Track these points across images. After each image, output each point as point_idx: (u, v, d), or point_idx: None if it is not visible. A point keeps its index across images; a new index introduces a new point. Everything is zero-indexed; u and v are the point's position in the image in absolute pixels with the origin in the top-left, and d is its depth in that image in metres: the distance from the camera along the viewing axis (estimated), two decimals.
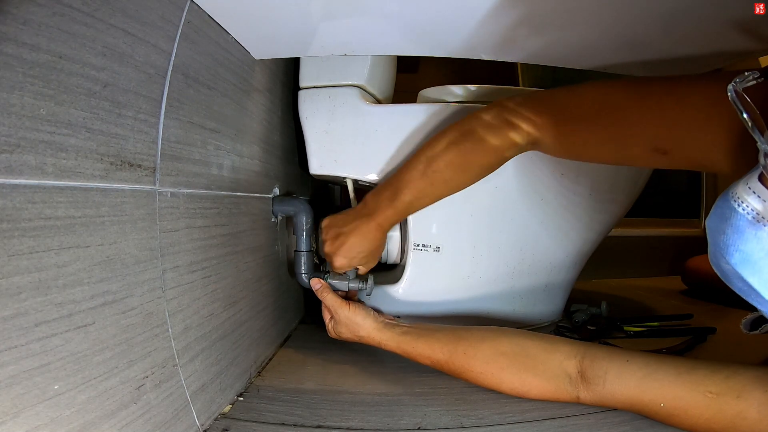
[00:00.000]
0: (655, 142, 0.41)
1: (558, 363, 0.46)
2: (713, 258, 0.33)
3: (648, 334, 0.75)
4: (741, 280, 0.31)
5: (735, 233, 0.30)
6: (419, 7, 0.44)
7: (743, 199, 0.29)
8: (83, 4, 0.28)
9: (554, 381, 0.46)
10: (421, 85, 0.72)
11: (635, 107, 0.42)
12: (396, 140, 0.65)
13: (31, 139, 0.25)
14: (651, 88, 0.42)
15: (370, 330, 0.55)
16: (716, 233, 0.31)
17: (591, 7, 0.43)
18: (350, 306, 0.57)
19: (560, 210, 0.69)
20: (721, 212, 0.31)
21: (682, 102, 0.39)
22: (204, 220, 0.43)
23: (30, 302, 0.24)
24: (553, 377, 0.46)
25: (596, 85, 0.46)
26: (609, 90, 0.45)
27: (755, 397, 0.36)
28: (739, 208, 0.29)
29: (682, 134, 0.39)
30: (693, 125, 0.38)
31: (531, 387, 0.47)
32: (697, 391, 0.39)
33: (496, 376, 0.48)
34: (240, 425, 0.43)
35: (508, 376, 0.48)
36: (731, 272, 0.31)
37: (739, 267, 0.30)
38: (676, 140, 0.40)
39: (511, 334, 0.50)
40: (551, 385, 0.46)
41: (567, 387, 0.45)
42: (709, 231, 0.33)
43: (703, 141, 0.38)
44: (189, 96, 0.40)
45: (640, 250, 1.36)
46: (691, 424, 0.39)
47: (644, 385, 0.41)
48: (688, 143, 0.39)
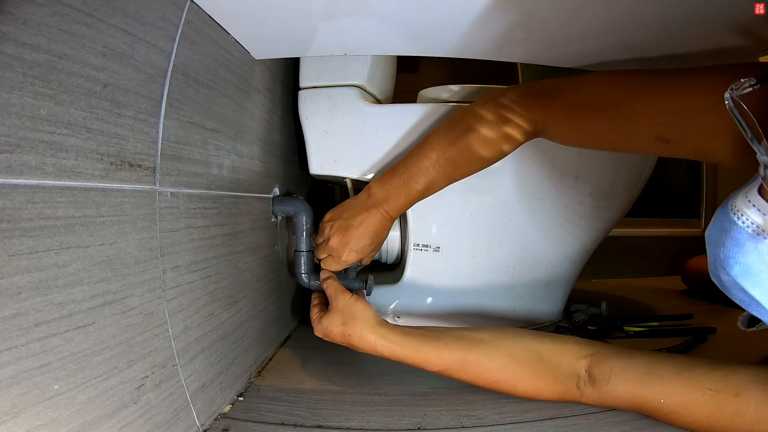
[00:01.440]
0: (659, 130, 0.41)
1: (569, 365, 0.46)
2: (713, 269, 0.33)
3: (648, 334, 0.75)
4: (742, 291, 0.31)
5: (735, 246, 0.30)
6: (419, 7, 0.44)
7: (743, 212, 0.29)
8: (83, 4, 0.28)
9: (564, 383, 0.46)
10: (421, 85, 0.72)
11: (640, 95, 0.42)
12: (396, 140, 0.65)
13: (31, 139, 0.25)
14: (657, 77, 0.42)
15: (365, 325, 0.50)
16: (716, 246, 0.31)
17: (591, 8, 0.43)
18: (352, 294, 0.53)
19: (560, 210, 0.70)
20: (720, 225, 0.31)
21: (687, 91, 0.39)
22: (204, 220, 0.43)
23: (30, 302, 0.24)
24: (564, 379, 0.46)
25: (602, 74, 0.47)
26: (615, 78, 0.46)
27: (753, 395, 0.37)
28: (738, 222, 0.29)
29: (685, 123, 0.39)
30: (696, 115, 0.38)
31: (543, 391, 0.47)
32: (697, 388, 0.39)
33: (510, 383, 0.47)
34: (240, 425, 0.43)
35: (522, 383, 0.47)
36: (732, 283, 0.31)
37: (739, 279, 0.30)
38: (678, 129, 0.40)
39: (524, 339, 0.49)
40: (561, 386, 0.46)
41: (575, 388, 0.46)
42: (708, 243, 0.33)
43: (705, 130, 0.38)
44: (189, 96, 0.40)
45: (640, 250, 1.36)
46: (691, 421, 0.39)
47: (646, 381, 0.41)
48: (691, 132, 0.39)
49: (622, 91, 0.44)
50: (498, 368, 0.47)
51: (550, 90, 0.50)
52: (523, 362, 0.47)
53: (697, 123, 0.38)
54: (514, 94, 0.51)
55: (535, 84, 0.51)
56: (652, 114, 0.41)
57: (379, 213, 0.56)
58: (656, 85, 0.42)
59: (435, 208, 0.67)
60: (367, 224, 0.56)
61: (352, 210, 0.57)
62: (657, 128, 0.41)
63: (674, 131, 0.40)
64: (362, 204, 0.57)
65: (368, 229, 0.56)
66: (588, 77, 0.48)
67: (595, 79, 0.47)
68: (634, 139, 0.44)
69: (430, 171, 0.53)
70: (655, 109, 0.41)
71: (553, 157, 0.66)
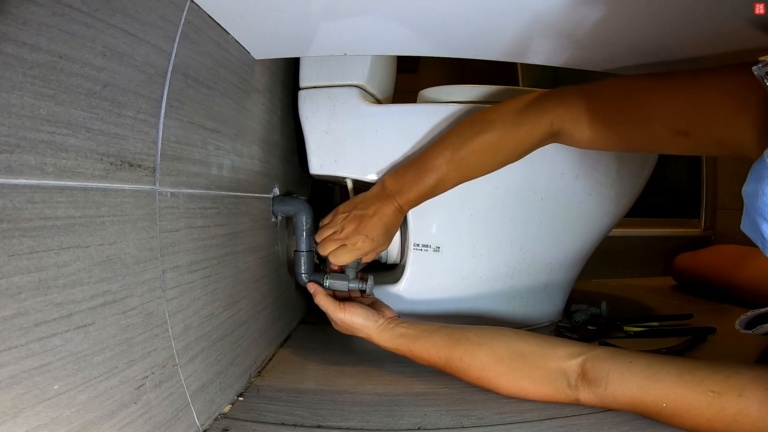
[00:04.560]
0: (677, 123, 0.42)
1: (556, 366, 0.46)
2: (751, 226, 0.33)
3: (648, 334, 0.75)
4: None
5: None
6: (419, 7, 0.44)
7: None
8: (83, 4, 0.28)
9: (552, 385, 0.46)
10: (421, 85, 0.72)
11: (657, 92, 0.44)
12: (396, 140, 0.65)
13: (31, 139, 0.25)
14: (671, 76, 0.44)
15: (367, 335, 0.55)
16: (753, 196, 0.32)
17: (597, 13, 0.43)
18: (346, 309, 0.56)
19: (560, 210, 0.70)
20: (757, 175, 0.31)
21: (703, 84, 0.40)
22: (204, 220, 0.43)
23: (30, 302, 0.24)
24: (550, 381, 0.46)
25: (617, 78, 0.49)
26: (630, 80, 0.47)
27: (756, 395, 0.37)
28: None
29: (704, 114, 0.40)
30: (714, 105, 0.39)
31: (528, 392, 0.47)
32: (699, 391, 0.39)
33: (492, 381, 0.48)
34: (240, 425, 0.43)
35: (504, 383, 0.48)
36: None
37: None
38: (697, 120, 0.41)
39: (509, 338, 0.50)
40: (548, 388, 0.46)
41: (565, 389, 0.45)
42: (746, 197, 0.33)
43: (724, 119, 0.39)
44: (189, 96, 0.40)
45: (640, 250, 1.36)
46: (693, 423, 0.39)
47: (647, 386, 0.41)
48: (710, 123, 0.40)
49: (639, 90, 0.46)
50: (480, 366, 0.48)
51: (567, 94, 0.51)
52: (504, 360, 0.48)
53: (716, 113, 0.39)
54: (530, 98, 0.53)
55: (552, 90, 0.53)
56: (670, 108, 0.42)
57: (391, 205, 0.58)
58: (672, 82, 0.43)
59: (435, 208, 0.67)
60: (381, 214, 0.58)
61: (366, 201, 0.59)
62: (675, 122, 0.42)
63: (693, 123, 0.41)
64: (376, 195, 0.59)
65: (382, 219, 0.58)
66: (603, 81, 0.50)
67: (610, 82, 0.49)
68: (653, 135, 0.45)
69: (442, 168, 0.55)
70: (672, 103, 0.42)
71: (553, 157, 0.66)
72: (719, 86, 0.39)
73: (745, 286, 0.94)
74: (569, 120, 0.51)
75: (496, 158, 0.55)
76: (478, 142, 0.54)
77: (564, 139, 0.53)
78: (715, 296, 1.03)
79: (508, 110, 0.54)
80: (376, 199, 0.59)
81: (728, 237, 1.34)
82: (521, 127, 0.52)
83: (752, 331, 0.48)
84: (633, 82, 0.47)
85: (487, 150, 0.54)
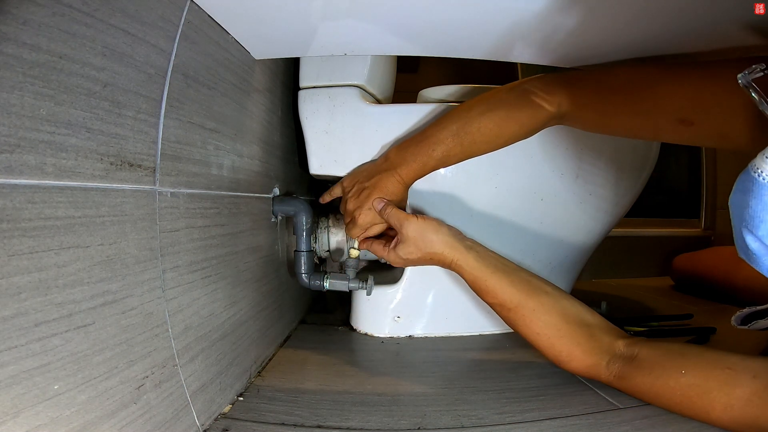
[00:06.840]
0: (681, 112, 0.43)
1: (610, 343, 0.47)
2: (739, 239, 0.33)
3: (648, 334, 0.75)
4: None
5: (759, 204, 0.30)
6: (419, 7, 0.44)
7: (762, 168, 0.30)
8: (83, 4, 0.28)
9: (596, 357, 0.47)
10: (421, 85, 0.72)
11: (663, 80, 0.44)
12: (396, 140, 0.65)
13: (31, 139, 0.25)
14: (677, 66, 0.44)
15: (443, 246, 0.54)
16: (740, 208, 0.32)
17: (595, 12, 0.42)
18: (419, 218, 0.55)
19: (560, 210, 0.70)
20: (743, 186, 0.31)
21: (709, 73, 0.41)
22: (204, 220, 0.43)
23: (30, 302, 0.24)
24: (597, 354, 0.47)
25: (627, 63, 0.49)
26: (638, 67, 0.48)
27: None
28: (759, 178, 0.30)
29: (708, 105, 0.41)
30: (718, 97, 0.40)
31: (573, 358, 0.48)
32: (717, 366, 0.40)
33: (551, 340, 0.49)
34: (240, 425, 0.43)
35: (560, 343, 0.49)
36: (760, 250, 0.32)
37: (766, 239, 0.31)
38: (702, 111, 0.41)
39: (581, 307, 0.51)
40: (592, 360, 0.47)
41: (604, 365, 0.47)
42: (732, 208, 0.33)
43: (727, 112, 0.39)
44: (189, 96, 0.40)
45: (640, 250, 1.36)
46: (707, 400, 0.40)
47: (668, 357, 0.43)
48: (713, 114, 0.41)
49: (646, 76, 0.46)
50: (547, 322, 0.49)
51: (576, 77, 0.52)
52: (571, 325, 0.49)
53: (719, 105, 0.40)
54: (539, 80, 0.53)
55: (560, 73, 0.54)
56: (676, 96, 0.43)
57: (392, 176, 0.57)
58: (677, 72, 0.44)
59: (435, 207, 0.67)
60: (380, 186, 0.58)
61: (367, 173, 0.60)
62: (680, 110, 0.43)
63: (697, 113, 0.42)
64: (377, 167, 0.59)
65: (381, 191, 0.58)
66: (612, 67, 0.50)
67: (618, 68, 0.50)
68: (658, 123, 0.45)
69: (447, 141, 0.55)
70: (678, 92, 0.43)
71: (553, 156, 0.66)
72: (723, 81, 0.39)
73: (743, 286, 0.94)
74: (576, 105, 0.51)
75: (501, 136, 0.54)
76: (485, 119, 0.54)
77: (569, 121, 0.54)
78: (714, 296, 1.03)
79: (517, 90, 0.54)
80: (376, 171, 0.59)
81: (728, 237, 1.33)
82: (528, 107, 0.53)
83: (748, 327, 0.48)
84: (640, 69, 0.48)
85: (493, 127, 0.54)
